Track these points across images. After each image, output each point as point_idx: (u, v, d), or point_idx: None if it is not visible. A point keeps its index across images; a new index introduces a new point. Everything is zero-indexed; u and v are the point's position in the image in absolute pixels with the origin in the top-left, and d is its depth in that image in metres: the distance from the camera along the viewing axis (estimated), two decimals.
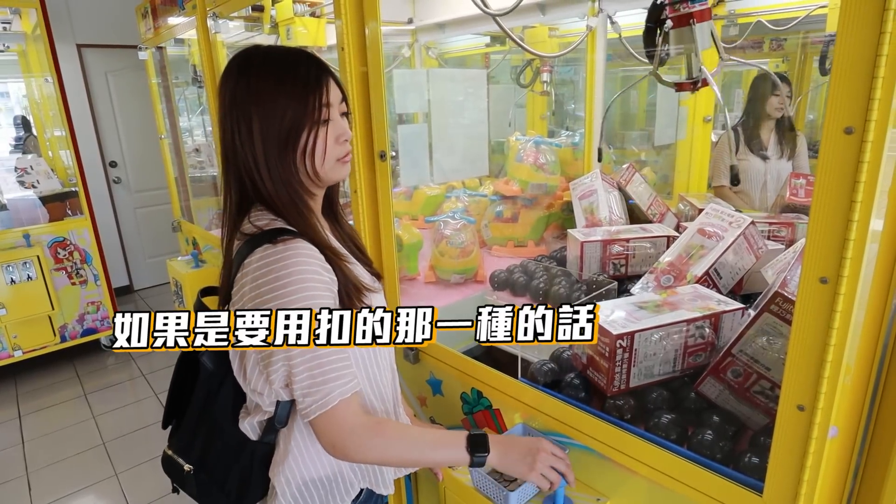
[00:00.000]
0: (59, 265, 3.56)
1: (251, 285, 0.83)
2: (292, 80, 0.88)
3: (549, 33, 2.46)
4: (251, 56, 0.91)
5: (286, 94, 0.87)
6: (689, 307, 1.11)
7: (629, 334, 1.02)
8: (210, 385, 0.95)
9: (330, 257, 0.88)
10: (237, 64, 0.91)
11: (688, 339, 1.07)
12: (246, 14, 2.27)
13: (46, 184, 3.64)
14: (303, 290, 0.81)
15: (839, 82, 0.59)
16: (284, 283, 0.81)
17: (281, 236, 0.85)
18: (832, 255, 0.64)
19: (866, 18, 0.56)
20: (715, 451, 0.94)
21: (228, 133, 0.89)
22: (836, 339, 0.67)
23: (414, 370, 1.50)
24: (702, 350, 1.08)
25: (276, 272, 0.81)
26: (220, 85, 0.92)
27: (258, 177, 0.88)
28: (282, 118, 0.87)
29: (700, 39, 0.94)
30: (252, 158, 0.87)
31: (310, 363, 0.82)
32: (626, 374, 1.05)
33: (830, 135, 0.60)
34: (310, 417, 0.83)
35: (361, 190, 1.44)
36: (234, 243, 0.90)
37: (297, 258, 0.82)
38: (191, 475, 0.97)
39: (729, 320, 1.10)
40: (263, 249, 0.84)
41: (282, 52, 0.91)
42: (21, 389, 3.46)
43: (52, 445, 2.87)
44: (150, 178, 5.08)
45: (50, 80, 3.48)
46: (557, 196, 2.13)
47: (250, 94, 0.87)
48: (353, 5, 1.32)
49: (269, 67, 0.89)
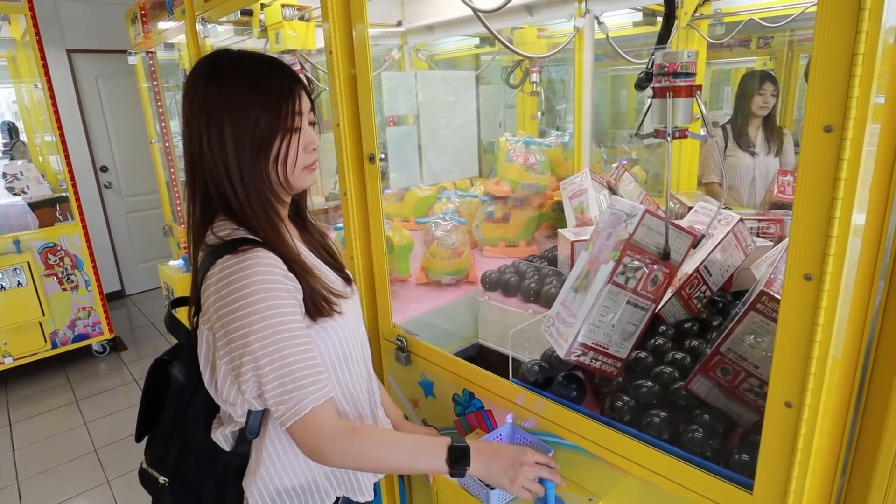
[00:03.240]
0: (49, 271, 3.53)
1: (214, 297, 0.82)
2: (266, 87, 0.87)
3: (538, 34, 2.47)
4: (222, 61, 0.89)
5: (260, 102, 0.86)
6: (605, 257, 1.04)
7: (582, 345, 1.03)
8: (181, 397, 0.95)
9: (294, 267, 0.87)
10: (206, 67, 0.89)
11: (634, 288, 1.02)
12: (235, 18, 2.26)
13: (37, 189, 3.61)
14: (265, 299, 0.80)
15: (817, 81, 0.59)
16: (245, 293, 0.80)
17: (242, 246, 0.84)
18: (815, 251, 0.64)
19: (843, 17, 0.57)
20: (706, 450, 0.94)
21: (196, 137, 0.87)
22: (821, 335, 0.67)
23: (406, 372, 1.49)
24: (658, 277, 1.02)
25: (237, 282, 0.80)
26: (186, 87, 0.90)
27: (228, 183, 0.87)
28: (255, 125, 0.86)
29: (682, 114, 0.97)
30: (223, 164, 0.86)
31: (279, 371, 0.80)
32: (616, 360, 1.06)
33: (810, 133, 0.60)
34: (286, 425, 0.83)
35: (351, 192, 1.44)
36: (199, 254, 0.89)
37: (257, 267, 0.81)
38: (166, 487, 0.96)
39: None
40: (224, 261, 0.83)
41: (254, 59, 0.90)
42: (12, 396, 3.43)
43: (43, 453, 2.84)
44: (141, 182, 5.05)
45: (39, 85, 3.46)
46: (548, 196, 2.13)
47: (222, 99, 0.86)
48: (340, 8, 1.32)
49: (241, 73, 0.87)
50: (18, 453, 2.85)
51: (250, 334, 0.79)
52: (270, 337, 0.80)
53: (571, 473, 1.09)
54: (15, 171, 3.63)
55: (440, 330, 1.67)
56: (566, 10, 1.88)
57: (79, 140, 4.65)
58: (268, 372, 0.80)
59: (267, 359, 0.80)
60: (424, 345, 1.40)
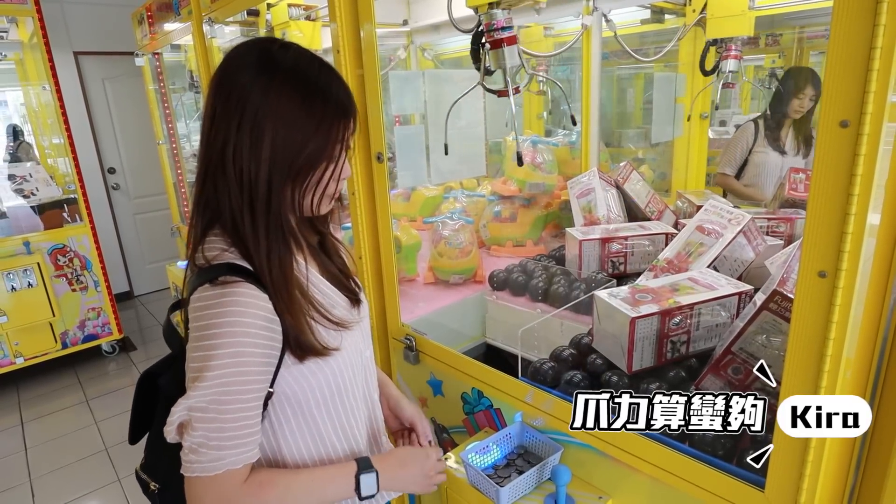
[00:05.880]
0: (59, 272, 3.55)
1: (191, 325, 0.76)
2: (321, 109, 0.77)
3: (545, 32, 2.46)
4: (275, 57, 0.77)
5: (312, 125, 0.77)
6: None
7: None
8: (169, 408, 0.89)
9: (281, 306, 0.77)
10: (257, 59, 0.77)
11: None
12: (241, 19, 2.27)
13: (45, 191, 3.63)
14: (229, 344, 0.72)
15: (833, 75, 0.59)
16: (211, 332, 0.73)
17: (223, 275, 0.75)
18: (830, 248, 0.64)
19: (860, 11, 0.56)
20: (717, 448, 0.94)
21: (221, 136, 0.76)
22: (835, 332, 0.67)
23: (414, 371, 1.50)
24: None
25: (208, 319, 0.73)
26: (220, 76, 0.78)
27: (247, 200, 0.76)
28: (300, 148, 0.76)
29: (509, 59, 1.23)
30: (250, 178, 0.76)
31: (209, 425, 0.73)
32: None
33: (826, 128, 0.60)
34: (188, 474, 0.75)
35: (359, 192, 1.44)
36: (189, 272, 0.81)
37: (233, 307, 0.73)
38: (156, 494, 0.94)
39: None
40: (202, 290, 0.75)
41: (311, 63, 0.79)
42: (23, 396, 3.46)
43: (54, 452, 2.87)
44: (148, 183, 5.08)
45: (47, 87, 3.48)
46: (555, 195, 2.13)
47: (268, 106, 0.74)
48: (347, 8, 1.32)
49: (297, 81, 0.76)
50: (31, 452, 2.88)
51: (202, 379, 0.72)
52: (218, 387, 0.72)
53: (581, 472, 1.09)
54: (24, 174, 3.66)
55: (447, 329, 1.67)
56: (574, 8, 1.87)
57: (87, 142, 4.68)
58: (199, 419, 0.73)
59: (201, 411, 0.73)
60: (433, 344, 1.41)
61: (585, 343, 1.26)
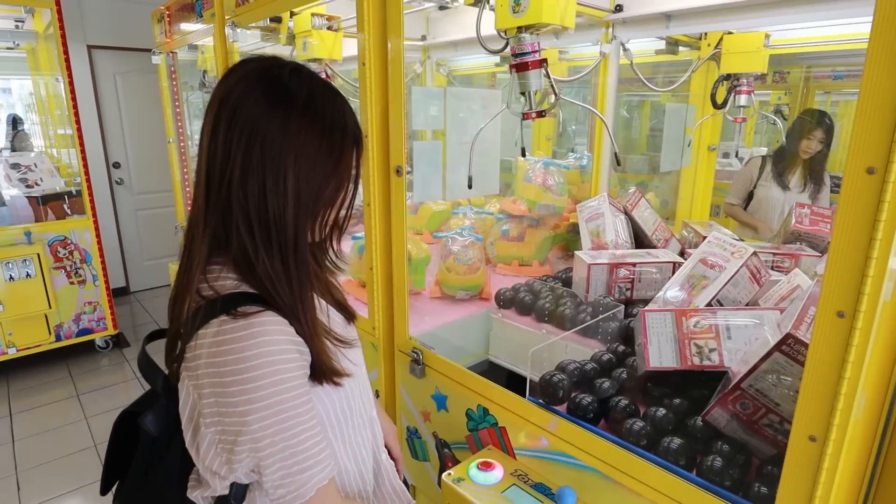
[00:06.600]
0: (58, 264, 3.53)
1: (208, 360, 0.71)
2: (340, 139, 0.77)
3: (559, 56, 2.50)
4: (290, 89, 0.75)
5: (333, 159, 0.76)
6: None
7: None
8: (153, 452, 0.85)
9: (305, 331, 0.77)
10: (270, 90, 0.74)
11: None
12: (264, 24, 2.30)
13: (49, 182, 3.62)
14: (268, 374, 0.70)
15: (863, 121, 0.61)
16: (247, 366, 0.69)
17: (241, 307, 0.72)
18: (850, 290, 0.66)
19: (891, 61, 0.59)
20: (724, 479, 0.95)
21: (235, 168, 0.72)
22: (850, 372, 0.69)
23: (419, 384, 1.50)
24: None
25: (238, 353, 0.70)
26: (227, 96, 0.74)
27: (275, 235, 0.74)
28: (323, 184, 0.76)
29: (534, 82, 1.29)
30: (276, 212, 0.74)
31: (282, 454, 0.72)
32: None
33: (852, 173, 0.62)
34: None
35: (375, 203, 1.46)
36: (187, 302, 0.76)
37: (263, 337, 0.71)
38: None
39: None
40: (220, 323, 0.71)
41: (326, 96, 0.77)
42: (13, 387, 3.42)
43: (42, 445, 2.83)
44: (151, 180, 5.08)
45: (60, 79, 3.50)
46: (564, 217, 2.15)
47: (288, 143, 0.73)
48: (376, 21, 1.35)
49: (315, 116, 0.75)
50: (18, 444, 2.84)
51: (250, 412, 0.70)
52: (274, 416, 0.71)
53: (584, 495, 1.09)
54: (29, 163, 3.65)
55: (451, 345, 1.68)
56: (593, 35, 1.91)
57: (94, 135, 4.69)
58: (269, 454, 0.72)
59: (268, 440, 0.71)
60: (440, 358, 1.41)
61: (607, 359, 1.30)
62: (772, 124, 3.37)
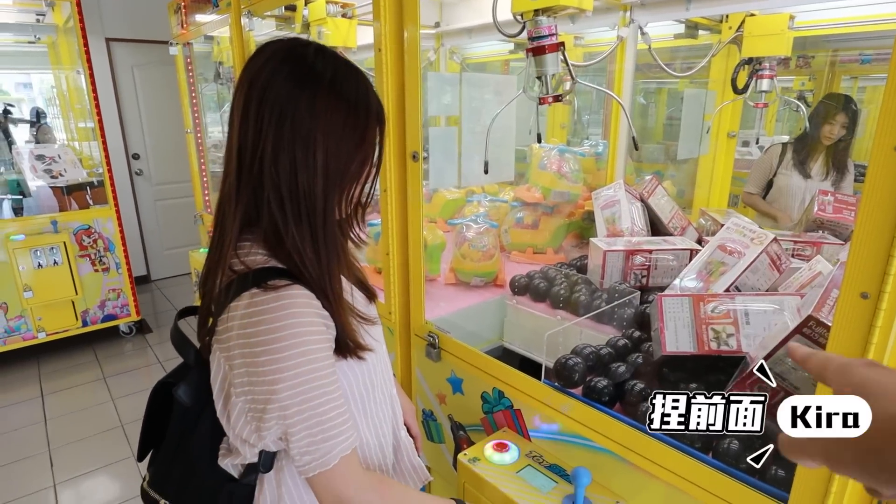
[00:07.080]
0: (83, 252, 3.63)
1: (239, 332, 0.75)
2: (364, 117, 0.80)
3: (575, 41, 2.48)
4: (315, 69, 0.77)
5: (358, 135, 0.79)
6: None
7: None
8: (185, 421, 0.89)
9: (332, 306, 0.80)
10: (297, 69, 0.77)
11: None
12: (278, 13, 2.31)
13: (73, 173, 3.71)
14: (297, 345, 0.73)
15: (891, 100, 0.60)
16: (276, 336, 0.73)
17: (272, 280, 0.75)
18: (875, 270, 0.65)
19: None
20: (740, 460, 0.94)
21: (267, 145, 0.75)
22: (873, 354, 0.68)
23: (435, 367, 1.51)
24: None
25: (268, 323, 0.73)
26: (255, 77, 0.77)
27: (304, 209, 0.77)
28: (349, 160, 0.79)
29: (551, 66, 1.29)
30: (308, 189, 0.77)
31: (308, 422, 0.75)
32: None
33: (879, 151, 0.61)
34: (309, 475, 0.78)
35: (391, 189, 1.47)
36: (219, 277, 0.79)
37: (292, 308, 0.74)
38: None
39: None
40: (252, 295, 0.75)
41: (350, 75, 0.80)
42: (43, 370, 3.55)
43: (72, 425, 2.95)
44: (170, 171, 5.15)
45: (80, 72, 3.55)
46: (578, 205, 2.14)
47: (316, 121, 0.76)
48: (393, 8, 1.35)
49: (340, 95, 0.78)
50: (50, 423, 2.97)
51: (279, 381, 0.73)
52: (301, 386, 0.74)
53: (599, 476, 1.10)
54: (53, 154, 3.74)
55: (465, 331, 1.69)
56: (610, 20, 1.89)
57: (113, 127, 4.76)
58: (296, 422, 0.75)
59: (296, 408, 0.74)
60: (456, 342, 1.42)
61: (623, 344, 1.29)
62: (794, 110, 3.30)
